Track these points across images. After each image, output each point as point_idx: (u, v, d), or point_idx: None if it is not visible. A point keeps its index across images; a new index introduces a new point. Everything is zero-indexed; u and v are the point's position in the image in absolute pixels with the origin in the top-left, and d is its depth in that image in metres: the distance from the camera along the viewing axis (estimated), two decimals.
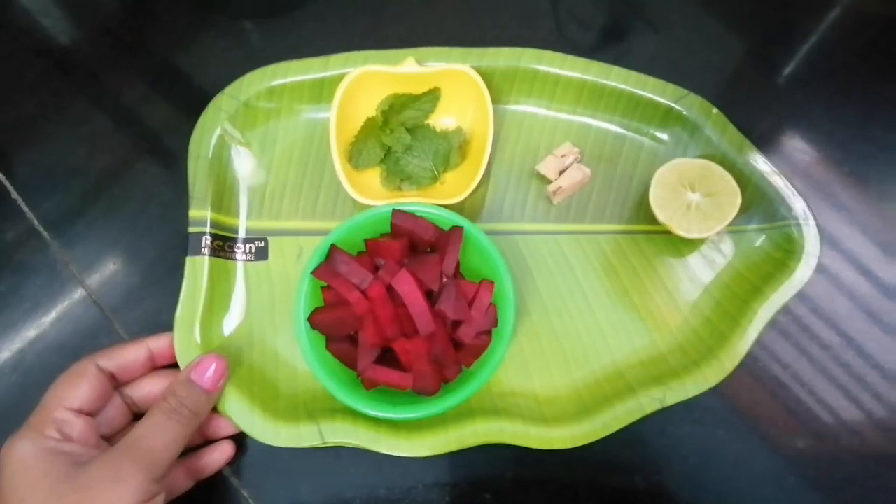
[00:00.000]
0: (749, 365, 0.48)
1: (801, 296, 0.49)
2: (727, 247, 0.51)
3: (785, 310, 0.49)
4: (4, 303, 0.50)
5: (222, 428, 0.46)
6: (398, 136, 0.52)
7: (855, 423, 0.47)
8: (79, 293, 0.51)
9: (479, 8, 0.59)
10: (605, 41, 0.55)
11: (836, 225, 0.51)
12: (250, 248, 0.51)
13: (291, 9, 0.60)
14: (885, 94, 0.56)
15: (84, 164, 0.54)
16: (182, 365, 0.46)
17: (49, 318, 0.50)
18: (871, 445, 0.46)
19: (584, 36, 0.55)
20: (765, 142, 0.52)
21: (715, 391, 0.47)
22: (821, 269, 0.50)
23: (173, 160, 0.54)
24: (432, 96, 0.53)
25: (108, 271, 0.52)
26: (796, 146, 0.54)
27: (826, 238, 0.50)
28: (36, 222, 0.53)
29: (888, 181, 0.53)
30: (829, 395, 0.47)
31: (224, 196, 0.51)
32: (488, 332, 0.46)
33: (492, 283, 0.46)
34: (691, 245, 0.51)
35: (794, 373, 0.48)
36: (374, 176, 0.53)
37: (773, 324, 0.48)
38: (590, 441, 0.46)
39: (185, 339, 0.47)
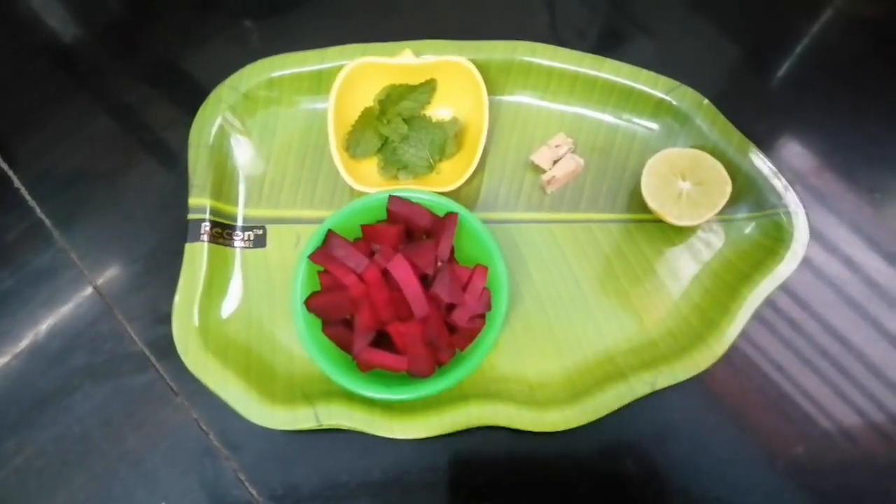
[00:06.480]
0: (740, 353, 0.49)
1: (791, 281, 0.50)
2: (717, 235, 0.52)
3: (776, 295, 0.49)
4: (5, 288, 0.51)
5: None
6: (395, 125, 0.53)
7: (842, 411, 0.47)
8: (79, 280, 0.52)
9: (474, 9, 0.60)
10: (602, 49, 0.56)
11: (826, 212, 0.52)
12: (248, 235, 0.52)
13: (291, 8, 0.61)
14: (874, 89, 0.57)
15: (86, 156, 0.55)
16: (180, 351, 0.47)
17: (49, 304, 0.51)
18: (861, 432, 0.47)
19: (580, 44, 0.56)
20: (755, 133, 0.53)
21: (706, 378, 0.48)
22: (808, 255, 0.50)
23: (174, 153, 0.55)
24: (428, 87, 0.54)
25: (108, 259, 0.52)
26: (786, 137, 0.54)
27: (815, 225, 0.51)
28: (38, 211, 0.53)
29: (875, 171, 0.54)
30: (816, 385, 0.48)
31: (223, 184, 0.52)
32: (482, 316, 0.47)
33: (485, 268, 0.46)
34: (682, 233, 0.52)
35: (782, 361, 0.49)
36: (371, 165, 0.54)
37: (762, 313, 0.49)
38: (582, 423, 0.46)
39: (183, 323, 0.48)
